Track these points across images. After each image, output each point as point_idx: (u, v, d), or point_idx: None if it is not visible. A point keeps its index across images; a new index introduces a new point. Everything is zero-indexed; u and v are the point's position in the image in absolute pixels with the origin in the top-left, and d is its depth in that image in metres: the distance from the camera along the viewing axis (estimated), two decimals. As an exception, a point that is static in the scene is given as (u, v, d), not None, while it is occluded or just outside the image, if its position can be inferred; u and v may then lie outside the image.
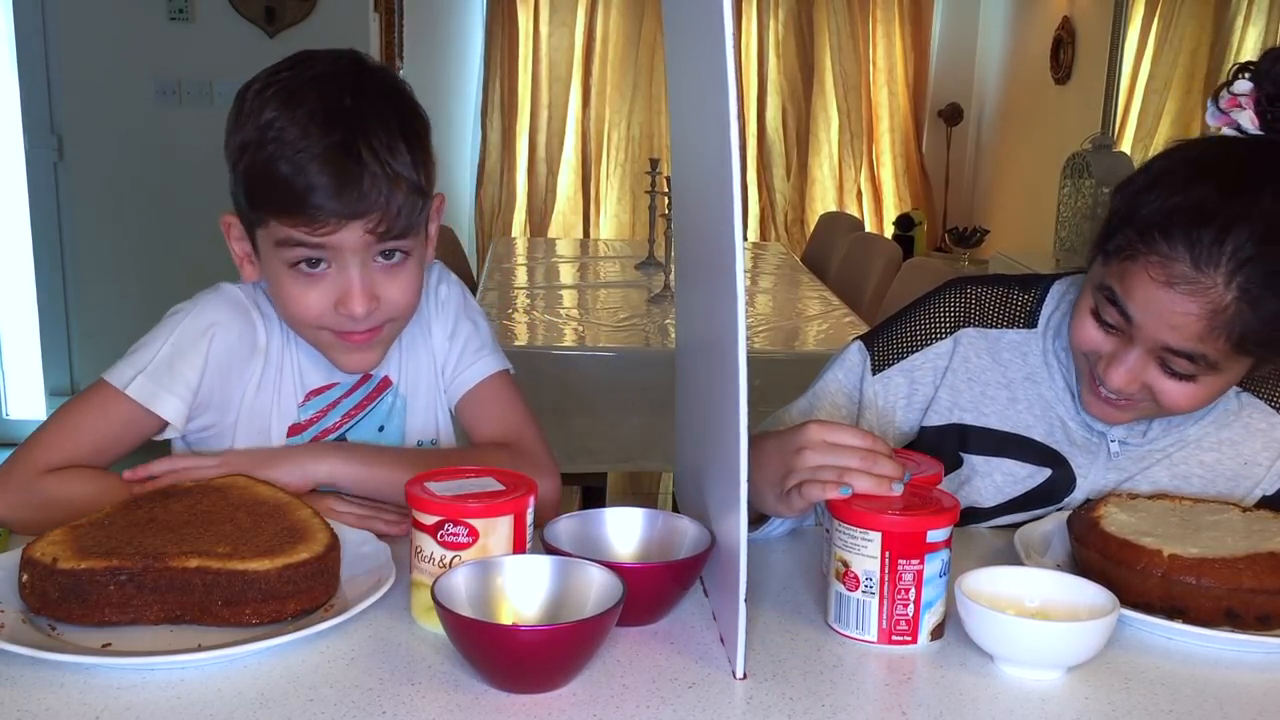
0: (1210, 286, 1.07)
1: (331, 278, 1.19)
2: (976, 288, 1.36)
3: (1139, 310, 1.12)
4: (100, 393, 1.23)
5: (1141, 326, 1.12)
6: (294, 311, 1.22)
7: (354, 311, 1.19)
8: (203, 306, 1.27)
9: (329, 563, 0.99)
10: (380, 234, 1.17)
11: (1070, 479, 1.29)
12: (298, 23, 4.18)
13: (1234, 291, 1.06)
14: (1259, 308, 1.06)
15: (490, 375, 1.37)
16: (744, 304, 0.86)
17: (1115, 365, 1.15)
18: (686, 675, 0.93)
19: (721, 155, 0.86)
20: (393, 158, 1.16)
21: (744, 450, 0.88)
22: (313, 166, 1.13)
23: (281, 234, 1.16)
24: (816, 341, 3.22)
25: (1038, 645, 0.93)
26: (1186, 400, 1.15)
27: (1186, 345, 1.10)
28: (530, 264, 4.27)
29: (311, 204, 1.13)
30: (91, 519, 1.01)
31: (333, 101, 1.15)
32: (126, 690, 0.87)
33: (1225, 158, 1.14)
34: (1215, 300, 1.07)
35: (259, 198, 1.17)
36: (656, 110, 5.73)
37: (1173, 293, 1.08)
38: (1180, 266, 1.07)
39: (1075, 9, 4.93)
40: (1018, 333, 1.32)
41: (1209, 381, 1.14)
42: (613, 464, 3.01)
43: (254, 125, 1.15)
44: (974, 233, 5.62)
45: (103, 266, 4.25)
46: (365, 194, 1.14)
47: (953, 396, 1.32)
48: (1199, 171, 1.11)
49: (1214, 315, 1.07)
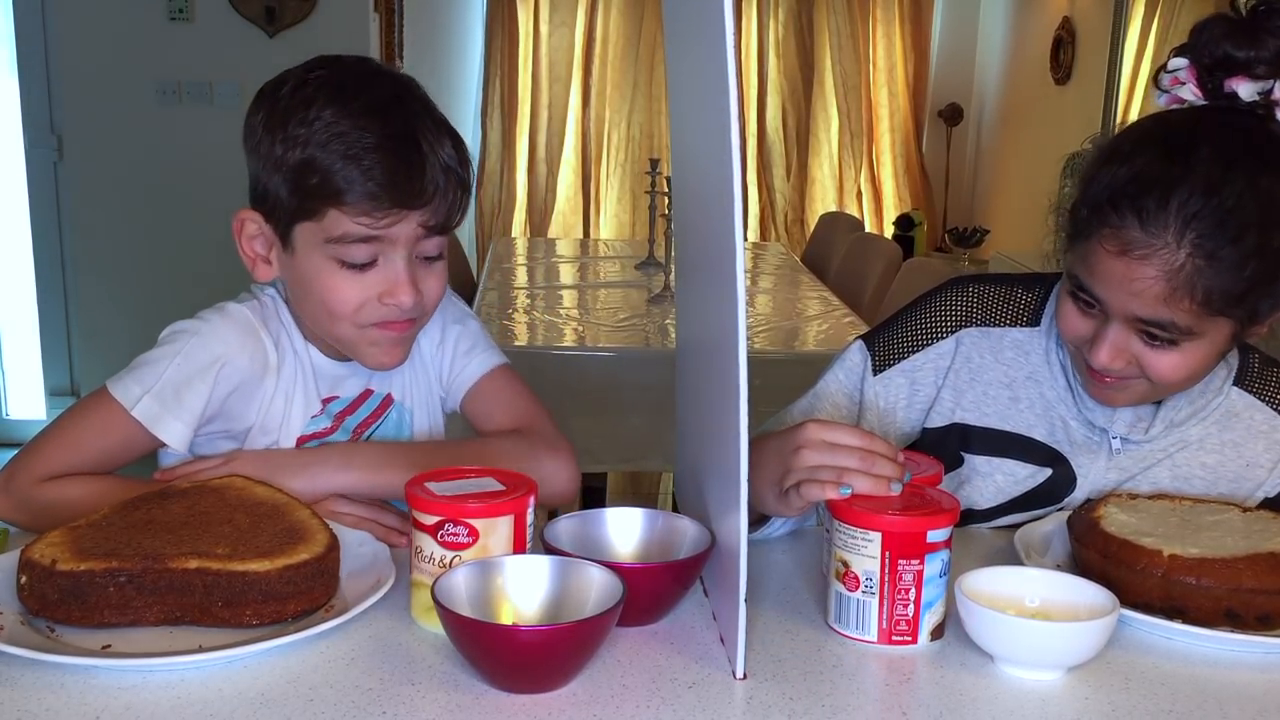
0: (1162, 247, 1.09)
1: (378, 271, 1.19)
2: (979, 286, 1.36)
3: (1101, 286, 1.14)
4: (103, 406, 1.22)
5: (1109, 302, 1.14)
6: (334, 306, 1.20)
7: (403, 303, 1.19)
8: (210, 331, 1.24)
9: (329, 563, 0.99)
10: (432, 228, 1.19)
11: (1071, 479, 1.29)
12: (298, 23, 4.18)
13: (1186, 248, 1.08)
14: (1213, 260, 1.08)
15: (489, 370, 1.37)
16: (744, 304, 0.86)
17: (1099, 344, 1.16)
18: (686, 675, 0.93)
19: (721, 155, 0.86)
20: (444, 151, 1.18)
21: (744, 450, 0.88)
22: (374, 157, 1.13)
23: (340, 229, 1.16)
24: (816, 342, 3.22)
25: (1038, 645, 0.93)
26: (1173, 370, 1.16)
27: (1154, 313, 1.11)
28: (530, 264, 4.27)
29: (378, 194, 1.14)
30: (89, 520, 1.01)
31: (380, 96, 1.17)
32: (126, 691, 0.86)
33: (1165, 126, 1.16)
34: (1169, 260, 1.08)
35: (317, 191, 1.15)
36: (656, 110, 5.73)
37: (1128, 260, 1.10)
38: (1131, 233, 1.10)
39: (1075, 9, 4.93)
40: (1021, 331, 1.32)
41: (1192, 349, 1.14)
42: (613, 464, 3.01)
43: (300, 121, 1.15)
44: (974, 233, 5.62)
45: (103, 266, 4.25)
46: (426, 185, 1.16)
47: (955, 397, 1.32)
48: (1140, 143, 1.15)
49: (1171, 276, 1.09)
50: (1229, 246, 1.08)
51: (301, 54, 1.24)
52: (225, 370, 1.23)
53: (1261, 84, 1.13)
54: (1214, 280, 1.08)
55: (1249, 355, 1.31)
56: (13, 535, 1.15)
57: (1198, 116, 1.15)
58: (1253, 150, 1.11)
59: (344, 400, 1.31)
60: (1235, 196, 1.08)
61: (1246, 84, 1.13)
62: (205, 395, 1.23)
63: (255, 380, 1.26)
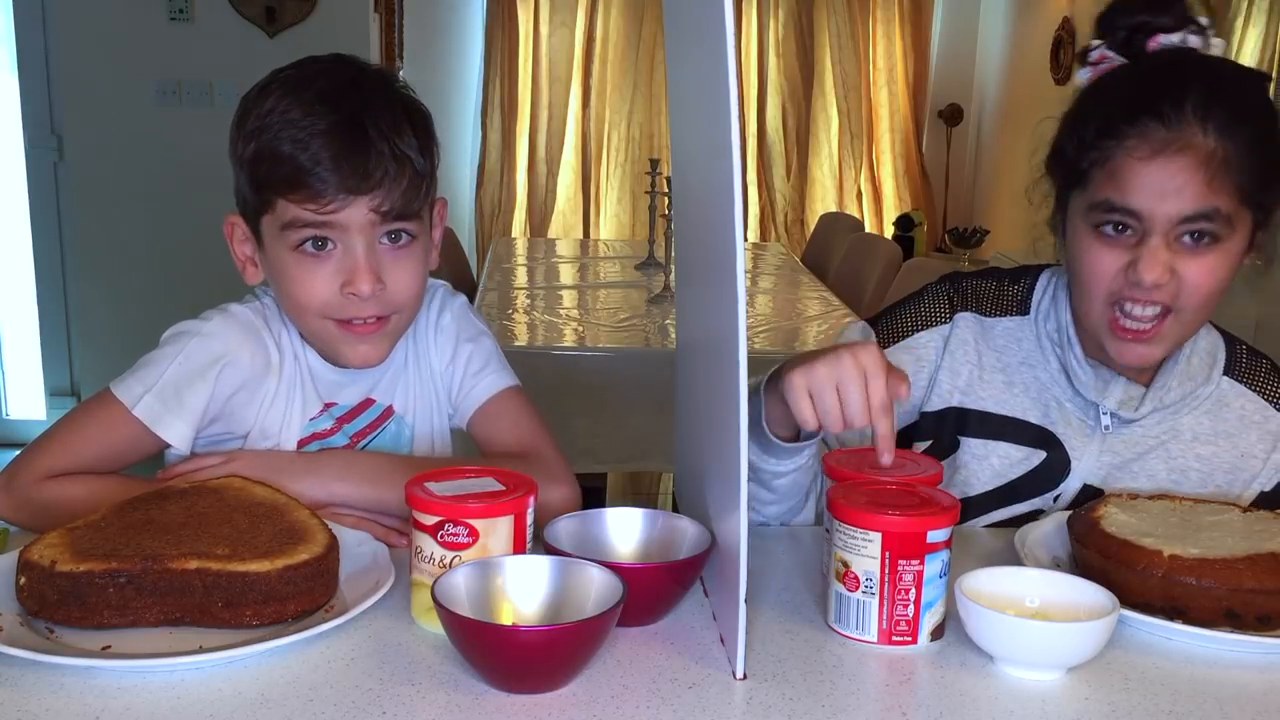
0: (1191, 136, 1.14)
1: (337, 259, 1.19)
2: (971, 280, 1.39)
3: (1141, 197, 1.16)
4: (106, 406, 1.22)
5: (1152, 211, 1.16)
6: (299, 298, 1.21)
7: (360, 290, 1.18)
8: (212, 331, 1.25)
9: (329, 563, 0.99)
10: (385, 213, 1.18)
11: (1065, 462, 1.30)
12: (298, 23, 4.18)
13: (1212, 134, 1.14)
14: (1235, 140, 1.14)
15: (498, 392, 1.36)
16: (744, 304, 0.86)
17: (1144, 261, 1.17)
18: (686, 675, 0.93)
19: (721, 155, 0.86)
20: (398, 137, 1.17)
21: (744, 450, 0.88)
22: (317, 142, 1.14)
23: (288, 215, 1.17)
24: (816, 342, 3.22)
25: (1038, 645, 0.93)
26: (1210, 274, 1.18)
27: (1200, 204, 1.15)
28: (530, 264, 4.27)
29: (318, 179, 1.14)
30: (88, 521, 1.01)
31: (338, 85, 1.18)
32: (126, 691, 0.86)
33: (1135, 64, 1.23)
34: (1200, 148, 1.14)
35: (264, 178, 1.17)
36: (656, 110, 5.73)
37: (1164, 159, 1.15)
38: (1158, 134, 1.15)
39: (1075, 9, 4.93)
40: (1012, 320, 1.35)
41: (1224, 250, 1.18)
42: (613, 464, 3.01)
43: (258, 114, 1.17)
44: (974, 233, 5.62)
45: (103, 266, 4.24)
46: (371, 170, 1.15)
47: (952, 379, 1.34)
48: (1121, 75, 1.23)
49: (1208, 161, 1.14)
50: (1243, 126, 1.14)
51: (301, 54, 1.24)
52: (227, 370, 1.24)
53: (1177, 35, 1.21)
54: (1240, 161, 1.14)
55: (1236, 346, 1.34)
56: (13, 535, 1.15)
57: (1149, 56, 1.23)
58: (1220, 61, 1.22)
59: (344, 406, 1.31)
60: (1234, 86, 1.18)
61: (1166, 37, 1.21)
62: (207, 395, 1.23)
63: (257, 380, 1.26)
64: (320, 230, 1.17)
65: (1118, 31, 1.24)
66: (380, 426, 1.33)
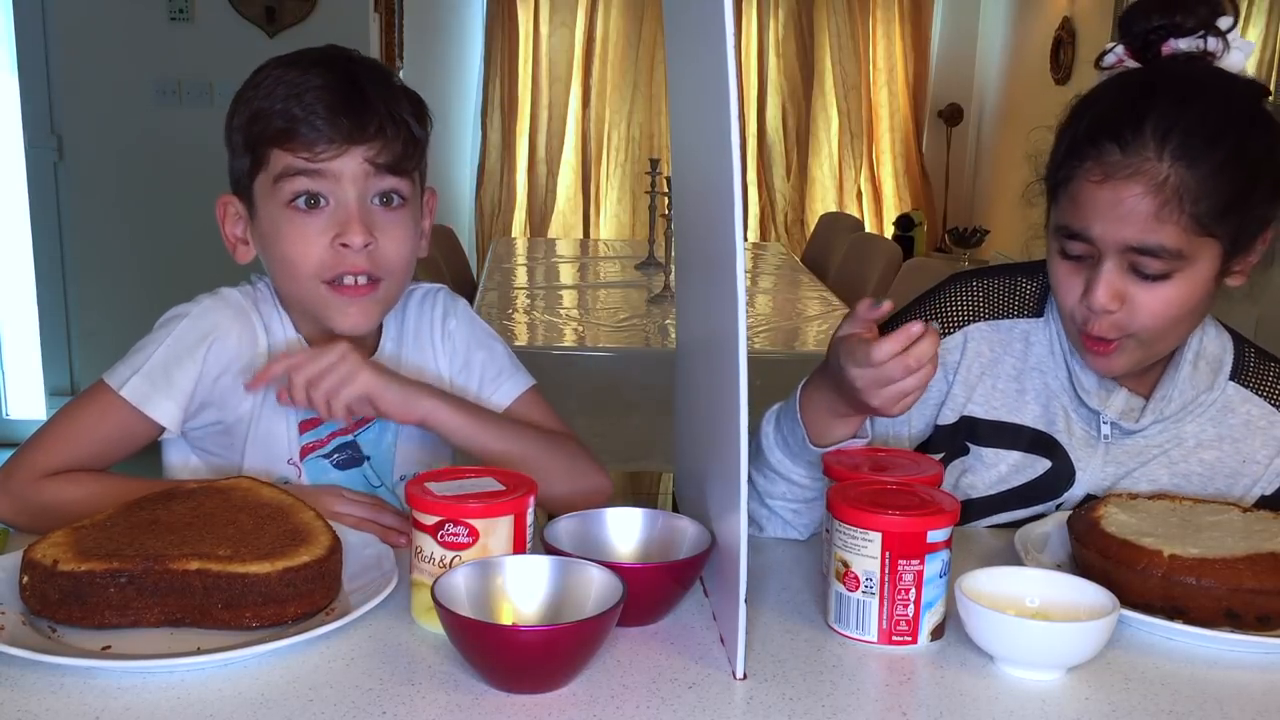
0: (1144, 161, 1.11)
1: (329, 214, 1.20)
2: (982, 280, 1.36)
3: (1090, 218, 1.15)
4: (98, 394, 1.23)
5: (1101, 234, 1.14)
6: (291, 255, 1.21)
7: (352, 240, 1.19)
8: (201, 311, 1.27)
9: (330, 566, 0.98)
10: (379, 165, 1.20)
11: (1069, 472, 1.29)
12: (298, 23, 4.18)
13: (1167, 160, 1.10)
14: (1194, 166, 1.10)
15: (519, 396, 1.37)
16: (744, 304, 0.86)
17: (1094, 284, 1.16)
18: (686, 675, 0.93)
19: (721, 155, 0.86)
20: (394, 101, 1.21)
21: (744, 450, 0.88)
22: (312, 94, 1.18)
23: (281, 165, 1.19)
24: (816, 342, 3.22)
25: (1038, 645, 0.93)
26: (1164, 305, 1.16)
27: (1146, 235, 1.12)
28: (530, 264, 4.27)
29: (312, 127, 1.17)
30: (94, 520, 1.01)
31: (332, 57, 1.22)
32: (126, 692, 0.86)
33: (1120, 77, 1.21)
34: (1153, 174, 1.10)
35: (259, 134, 1.20)
36: (656, 110, 5.73)
37: (1114, 184, 1.12)
38: (1112, 158, 1.12)
39: (1075, 9, 4.93)
40: (1028, 322, 1.32)
41: (1183, 281, 1.15)
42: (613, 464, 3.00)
43: (252, 84, 1.21)
44: (974, 233, 5.62)
45: (103, 266, 4.25)
46: (364, 121, 1.18)
47: (967, 392, 1.32)
48: (1102, 92, 1.20)
49: (1158, 190, 1.10)
50: (1208, 150, 1.10)
51: (301, 55, 1.25)
52: (214, 348, 1.24)
53: (1196, 39, 1.17)
54: (1199, 188, 1.10)
55: (1244, 349, 1.31)
56: (12, 536, 1.15)
57: (1149, 66, 1.20)
58: (1210, 74, 1.16)
59: None
60: (1205, 106, 1.12)
61: (1183, 41, 1.17)
62: (195, 374, 1.24)
63: (245, 361, 1.26)
64: (313, 182, 1.19)
65: (1134, 34, 1.21)
66: (365, 425, 1.32)
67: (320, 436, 1.30)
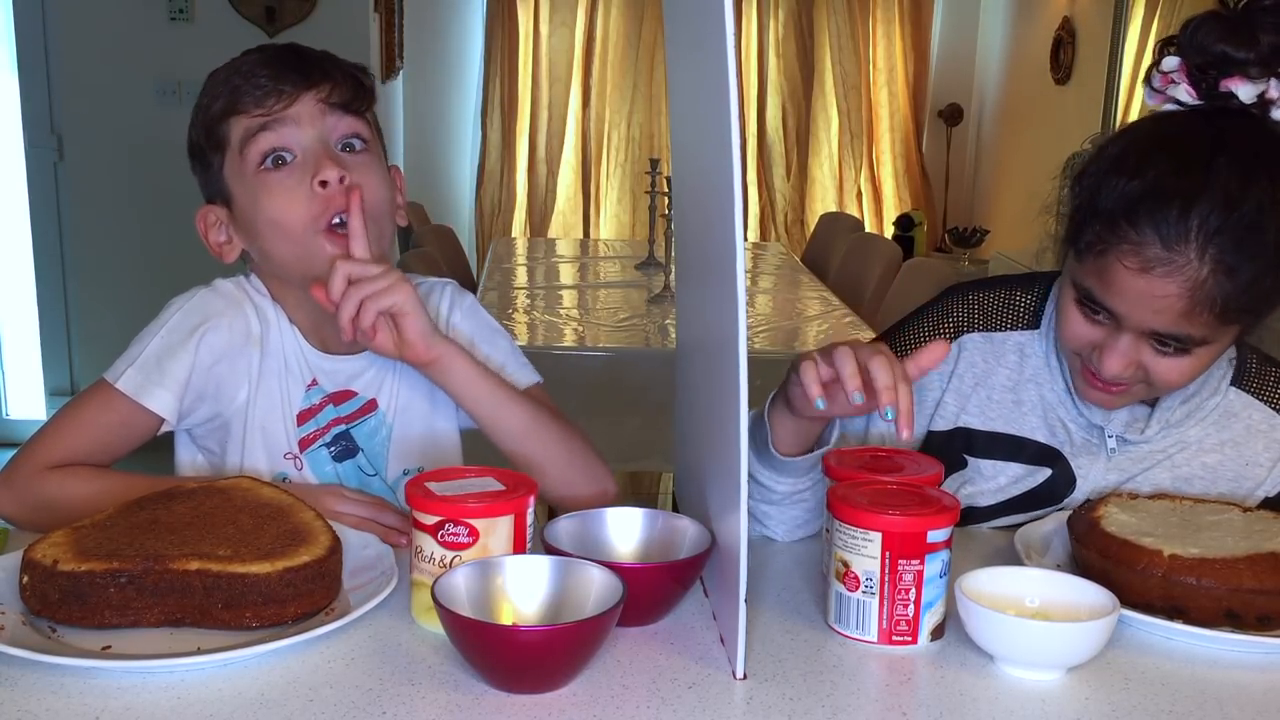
0: (1185, 264, 1.08)
1: (299, 165, 1.22)
2: (977, 293, 1.35)
3: (1120, 302, 1.13)
4: (99, 390, 1.25)
5: (1127, 316, 1.13)
6: (277, 214, 1.22)
7: (328, 175, 1.20)
8: (195, 303, 1.28)
9: (330, 566, 0.98)
10: (333, 104, 1.23)
11: (1070, 480, 1.29)
12: (298, 23, 4.18)
13: (1208, 264, 1.07)
14: (1235, 275, 1.08)
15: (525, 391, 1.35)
16: (744, 304, 0.86)
17: (1109, 353, 1.16)
18: (686, 675, 0.93)
19: (721, 155, 0.86)
20: (329, 57, 1.27)
21: (744, 450, 0.88)
22: (249, 65, 1.25)
23: (240, 130, 1.22)
24: (816, 342, 3.22)
25: (1038, 645, 0.93)
26: (1180, 376, 1.17)
27: (1173, 327, 1.11)
28: (530, 264, 4.28)
29: (258, 85, 1.22)
30: (94, 520, 1.01)
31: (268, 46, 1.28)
32: (126, 692, 0.86)
33: (1173, 134, 1.15)
34: (1192, 276, 1.08)
35: (216, 114, 1.24)
36: (656, 110, 5.73)
37: (1150, 277, 1.09)
38: (1152, 250, 1.09)
39: (1075, 9, 4.93)
40: (1022, 334, 1.32)
41: (1201, 353, 1.15)
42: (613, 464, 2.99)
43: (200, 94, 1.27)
44: (974, 233, 5.62)
45: (103, 266, 4.25)
46: (307, 70, 1.23)
47: (960, 402, 1.32)
48: (1151, 152, 1.13)
49: (1194, 291, 1.08)
50: (1249, 262, 1.07)
51: (302, 54, 1.25)
52: (208, 335, 1.26)
53: (1258, 85, 1.12)
54: (1232, 293, 1.08)
55: (1246, 354, 1.31)
56: (12, 535, 1.15)
57: (1205, 121, 1.14)
58: (1265, 160, 1.10)
59: (326, 390, 1.31)
60: (1255, 211, 1.07)
61: (1245, 86, 1.12)
62: (189, 362, 1.25)
63: (238, 350, 1.27)
64: (275, 136, 1.21)
65: (1193, 55, 1.14)
66: (361, 418, 1.32)
67: (321, 425, 1.30)
